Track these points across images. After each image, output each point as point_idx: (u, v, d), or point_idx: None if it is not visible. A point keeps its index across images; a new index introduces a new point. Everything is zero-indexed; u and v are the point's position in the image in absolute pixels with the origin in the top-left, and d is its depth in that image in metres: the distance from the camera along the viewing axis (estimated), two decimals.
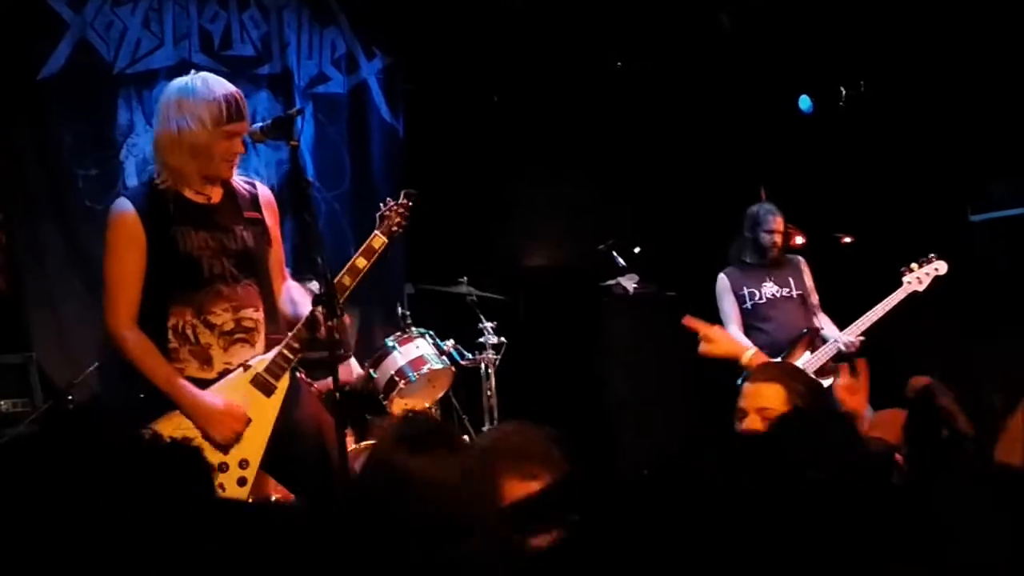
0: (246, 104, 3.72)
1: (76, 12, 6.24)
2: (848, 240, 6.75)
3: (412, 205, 3.99)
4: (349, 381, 5.76)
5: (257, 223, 3.78)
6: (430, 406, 5.86)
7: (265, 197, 3.86)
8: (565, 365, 7.26)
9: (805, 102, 7.55)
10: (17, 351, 5.73)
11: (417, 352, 5.73)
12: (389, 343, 5.80)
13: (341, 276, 3.78)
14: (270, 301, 3.77)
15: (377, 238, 3.88)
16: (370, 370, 5.78)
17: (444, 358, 5.80)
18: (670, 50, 7.67)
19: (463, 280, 6.39)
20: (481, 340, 6.16)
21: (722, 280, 6.24)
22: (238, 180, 3.79)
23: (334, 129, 7.21)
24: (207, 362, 3.63)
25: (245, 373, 3.65)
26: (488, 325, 6.18)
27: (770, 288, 6.14)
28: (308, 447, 3.67)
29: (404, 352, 5.72)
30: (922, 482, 2.17)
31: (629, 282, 7.30)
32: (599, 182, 7.81)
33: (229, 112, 3.61)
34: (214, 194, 3.71)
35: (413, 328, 5.93)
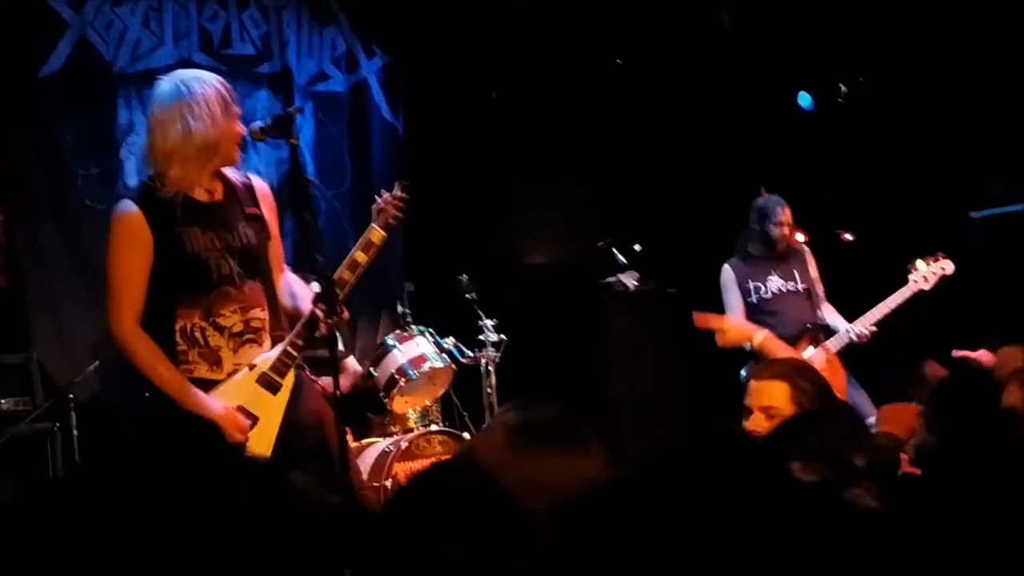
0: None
1: (76, 11, 6.25)
2: (848, 237, 6.74)
3: (406, 196, 3.97)
4: (346, 389, 5.74)
5: (257, 219, 3.76)
6: (430, 404, 5.87)
7: (262, 190, 3.84)
8: (565, 362, 7.26)
9: (805, 99, 7.55)
10: (18, 350, 5.74)
11: (417, 350, 5.74)
12: (389, 341, 5.80)
13: (341, 271, 3.77)
14: (274, 298, 3.76)
15: (375, 232, 3.86)
16: (370, 368, 5.79)
17: (444, 356, 5.80)
18: (669, 47, 7.67)
19: (463, 278, 6.39)
20: (481, 338, 6.16)
21: (727, 272, 6.19)
22: (232, 174, 3.76)
23: (334, 128, 7.21)
24: (217, 364, 3.61)
25: (251, 372, 3.64)
26: (488, 323, 6.18)
27: (776, 282, 6.12)
28: (310, 442, 3.66)
29: (404, 350, 5.72)
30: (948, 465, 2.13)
31: (629, 279, 7.30)
32: (599, 179, 7.80)
33: (230, 96, 3.61)
34: (217, 190, 3.69)
35: (413, 326, 5.94)
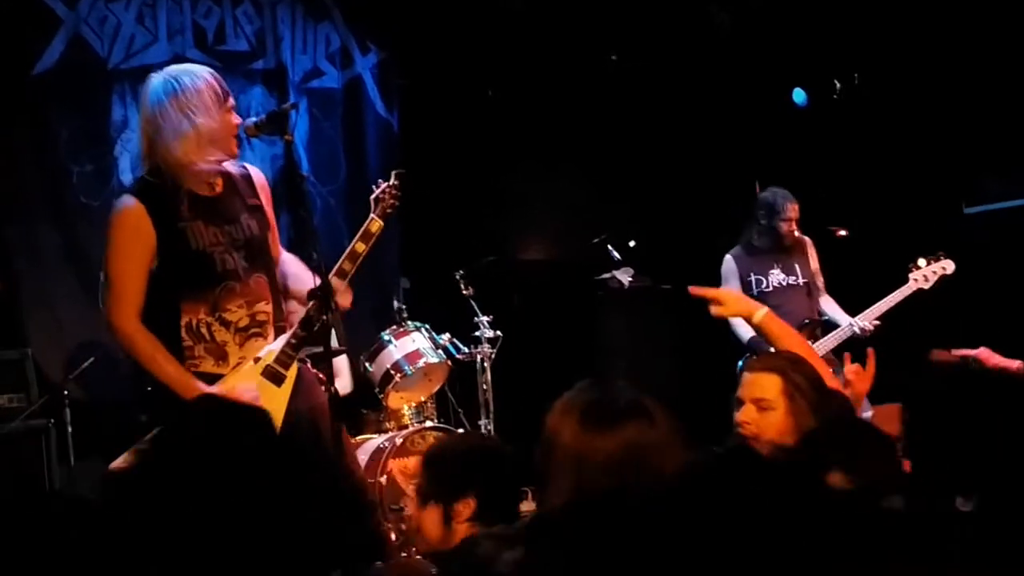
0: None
1: (70, 8, 6.22)
2: (843, 233, 6.74)
3: (403, 184, 4.02)
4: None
5: (259, 209, 3.77)
6: (425, 400, 5.87)
7: (259, 180, 3.85)
8: (560, 359, 7.26)
9: (799, 95, 7.55)
10: (13, 347, 5.72)
11: (413, 346, 5.74)
12: (385, 337, 5.80)
13: (342, 262, 3.80)
14: (277, 291, 3.77)
15: (374, 222, 3.91)
16: (366, 364, 5.79)
17: (440, 352, 5.81)
18: (664, 44, 7.67)
19: (459, 274, 6.39)
20: (477, 334, 6.16)
21: (729, 263, 6.19)
22: (232, 166, 3.76)
23: (329, 124, 7.20)
24: (222, 358, 3.62)
25: (256, 365, 3.64)
26: (484, 319, 6.18)
27: (777, 276, 6.12)
28: (308, 435, 3.66)
29: (400, 346, 5.73)
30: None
31: (624, 276, 7.30)
32: (594, 176, 7.81)
33: (222, 87, 3.62)
34: (218, 183, 3.69)
35: (409, 322, 5.94)
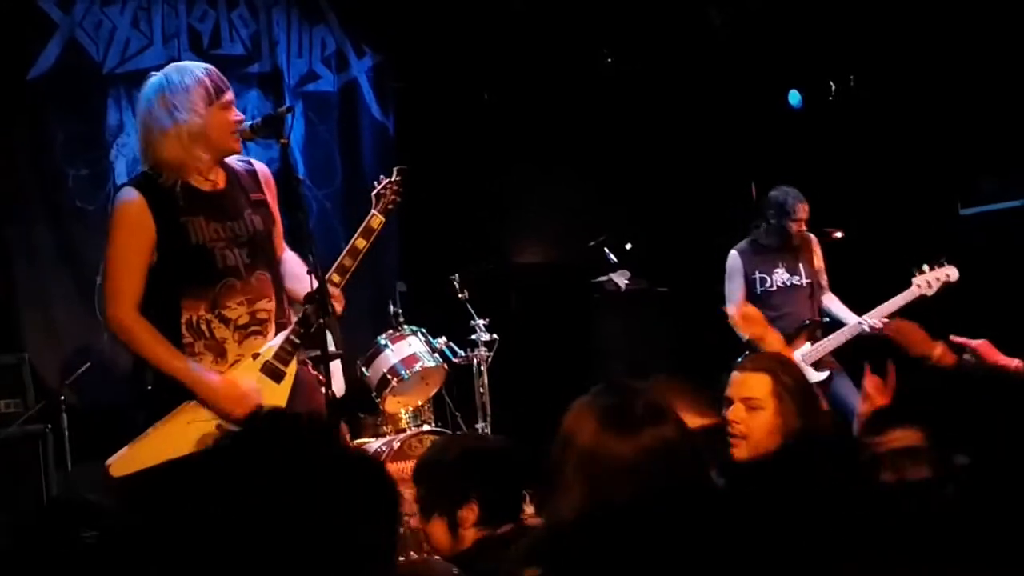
0: (221, 73, 3.69)
1: (65, 12, 6.23)
2: (838, 235, 6.75)
3: (404, 180, 3.99)
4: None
5: (263, 204, 3.75)
6: (422, 403, 5.87)
7: (264, 174, 3.82)
8: (557, 361, 7.26)
9: (794, 97, 7.56)
10: (10, 351, 5.72)
11: (410, 350, 5.74)
12: (381, 341, 5.80)
13: (342, 258, 3.78)
14: (280, 287, 3.75)
15: (375, 218, 3.88)
16: (362, 368, 5.79)
17: (437, 356, 5.80)
18: (660, 47, 7.67)
19: (455, 278, 6.38)
20: (473, 337, 6.15)
21: (734, 258, 6.18)
22: (234, 160, 3.75)
23: (324, 127, 7.20)
24: (221, 355, 3.61)
25: (255, 361, 3.63)
26: (480, 322, 6.18)
27: (781, 275, 6.12)
28: None
29: (397, 350, 5.72)
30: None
31: (621, 278, 7.30)
32: (590, 179, 7.81)
33: (216, 86, 3.59)
34: (219, 179, 3.68)
35: (405, 326, 5.93)
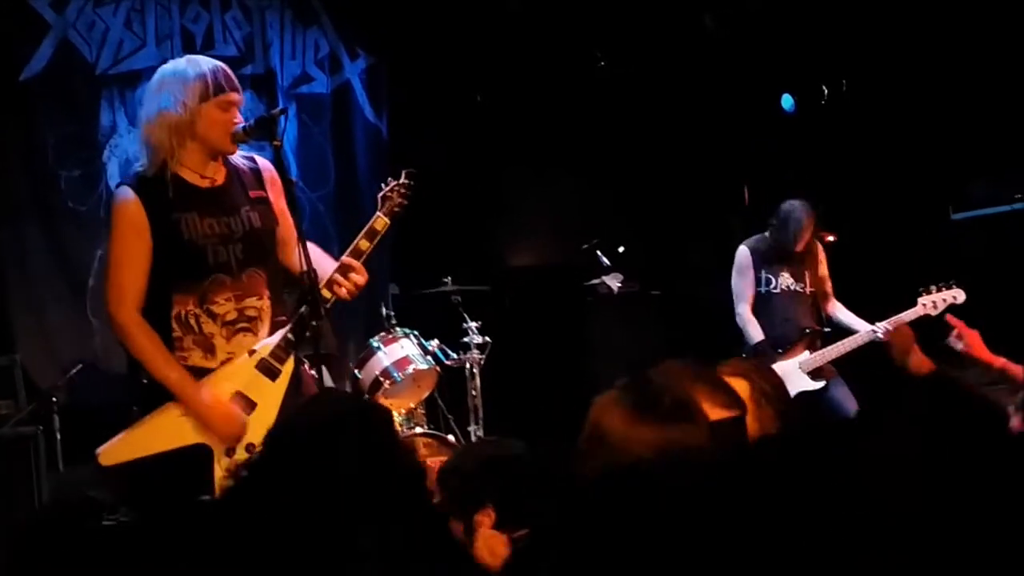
0: (234, 75, 3.65)
1: (58, 13, 6.22)
2: (831, 238, 6.77)
3: (411, 184, 3.91)
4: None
5: (263, 202, 3.71)
6: (415, 406, 5.86)
7: (267, 171, 3.77)
8: (550, 364, 7.27)
9: (787, 101, 7.58)
10: (1, 353, 5.71)
11: (402, 352, 5.73)
12: (374, 343, 5.79)
13: (344, 259, 3.75)
14: (277, 286, 3.72)
15: (380, 219, 3.81)
16: (355, 370, 5.78)
17: (429, 358, 5.79)
18: (654, 50, 7.68)
19: (447, 280, 6.38)
20: (466, 340, 6.16)
21: (744, 255, 6.14)
22: (237, 157, 3.73)
23: (318, 129, 7.20)
24: (210, 351, 3.59)
25: (251, 358, 3.62)
26: (473, 325, 6.18)
27: (786, 280, 6.11)
28: None
29: (389, 352, 5.71)
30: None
31: (613, 281, 7.31)
32: (583, 182, 7.82)
33: (217, 83, 3.55)
34: (217, 175, 3.65)
35: (398, 328, 5.93)
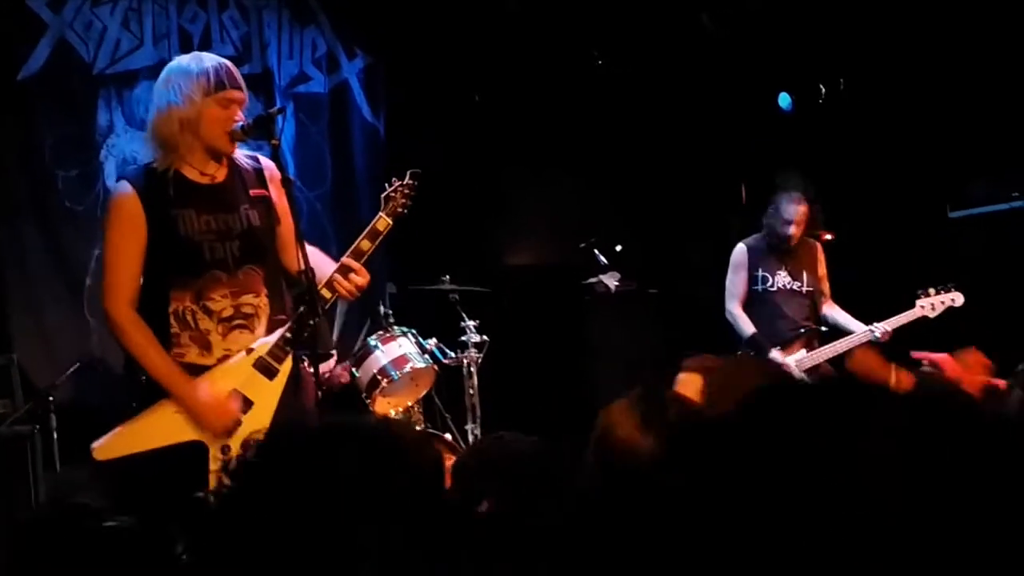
0: (239, 74, 3.66)
1: (55, 12, 6.20)
2: (828, 237, 6.78)
3: (416, 185, 3.90)
4: (332, 381, 5.75)
5: (263, 200, 3.71)
6: (412, 405, 5.86)
7: (270, 171, 3.76)
8: (547, 363, 7.27)
9: (785, 100, 7.58)
10: None
11: (400, 351, 5.73)
12: (371, 342, 5.79)
13: (345, 259, 3.75)
14: (275, 285, 3.72)
15: (382, 220, 3.80)
16: (352, 369, 5.78)
17: (427, 357, 5.79)
18: (651, 50, 7.68)
19: (445, 279, 6.38)
20: (463, 338, 6.16)
21: (740, 252, 6.18)
22: (241, 156, 3.73)
23: (315, 129, 7.19)
24: (206, 348, 3.60)
25: (248, 356, 3.62)
26: (470, 324, 6.18)
27: (783, 278, 6.12)
28: None
29: (386, 351, 5.71)
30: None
31: (611, 280, 7.31)
32: (581, 181, 7.82)
33: (219, 80, 3.56)
34: (218, 173, 3.66)
35: (395, 327, 5.93)
